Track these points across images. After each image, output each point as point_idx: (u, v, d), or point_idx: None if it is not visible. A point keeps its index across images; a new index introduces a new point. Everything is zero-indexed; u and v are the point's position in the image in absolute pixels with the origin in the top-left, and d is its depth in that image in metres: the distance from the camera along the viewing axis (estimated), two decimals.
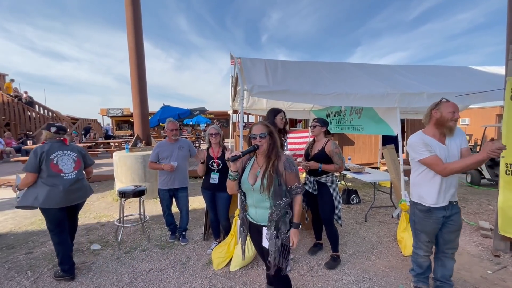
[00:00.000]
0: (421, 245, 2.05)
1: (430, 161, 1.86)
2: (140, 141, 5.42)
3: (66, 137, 2.64)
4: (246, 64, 3.60)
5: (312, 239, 3.26)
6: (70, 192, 2.46)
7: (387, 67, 4.17)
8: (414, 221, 2.06)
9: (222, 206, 2.86)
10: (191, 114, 10.35)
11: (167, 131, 3.16)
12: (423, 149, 1.88)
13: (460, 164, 1.79)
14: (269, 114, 2.84)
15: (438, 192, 1.92)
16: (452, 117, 1.87)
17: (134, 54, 5.17)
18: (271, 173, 1.58)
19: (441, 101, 1.96)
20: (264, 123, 1.68)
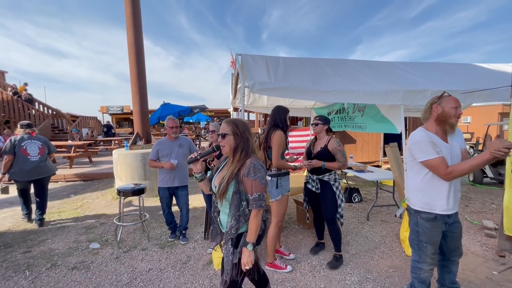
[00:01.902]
0: (426, 258, 1.82)
1: (436, 163, 1.66)
2: (140, 139, 5.38)
3: (33, 130, 3.71)
4: (247, 61, 3.54)
5: (313, 239, 3.22)
6: (34, 170, 3.56)
7: (390, 64, 4.10)
8: (417, 233, 1.83)
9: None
10: (191, 111, 10.28)
11: (167, 129, 3.10)
12: (431, 149, 1.67)
13: (465, 167, 1.60)
14: (280, 112, 2.55)
15: (447, 197, 1.76)
16: (455, 113, 1.72)
17: (133, 50, 5.11)
18: (228, 179, 1.40)
19: (443, 95, 1.81)
20: (232, 122, 1.47)
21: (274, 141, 2.40)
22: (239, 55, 3.70)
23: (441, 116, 1.76)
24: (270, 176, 2.47)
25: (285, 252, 2.83)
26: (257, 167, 1.42)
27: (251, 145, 1.47)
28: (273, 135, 2.42)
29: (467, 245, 3.02)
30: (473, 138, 11.79)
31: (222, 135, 1.45)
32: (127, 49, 5.29)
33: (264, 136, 2.50)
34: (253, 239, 1.41)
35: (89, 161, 8.72)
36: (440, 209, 1.77)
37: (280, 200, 2.48)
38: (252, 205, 1.40)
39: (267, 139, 2.45)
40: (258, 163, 1.44)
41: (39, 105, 12.09)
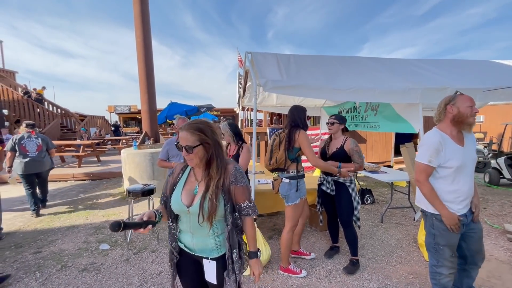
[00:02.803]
0: (444, 262, 1.77)
1: (421, 168, 1.76)
2: (149, 138, 5.35)
3: (34, 129, 4.15)
4: (257, 59, 3.45)
5: (327, 241, 3.12)
6: (33, 164, 3.98)
7: (405, 61, 3.95)
8: (434, 235, 1.79)
9: None
10: (198, 111, 10.26)
11: (177, 128, 3.05)
12: (428, 154, 1.72)
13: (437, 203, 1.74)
14: (299, 112, 2.41)
15: (463, 199, 1.73)
16: (471, 112, 1.68)
17: (142, 49, 5.07)
18: (213, 196, 1.16)
19: (456, 94, 1.77)
20: (196, 129, 1.17)
21: (302, 141, 2.26)
22: (249, 53, 3.61)
23: (457, 117, 1.71)
24: (289, 178, 2.35)
25: (305, 253, 2.78)
26: (241, 171, 1.27)
27: (223, 147, 1.27)
28: (297, 135, 2.28)
29: (490, 250, 2.88)
30: (486, 138, 11.46)
31: (187, 149, 1.16)
32: (135, 48, 5.26)
33: (286, 135, 2.36)
34: (256, 246, 1.31)
35: (97, 160, 8.77)
36: (456, 208, 1.73)
37: (298, 204, 2.37)
38: (247, 213, 1.26)
39: (291, 139, 2.30)
40: (239, 165, 1.29)
41: (48, 104, 12.25)
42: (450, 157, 1.70)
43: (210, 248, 1.24)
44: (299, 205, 2.38)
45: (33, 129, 4.15)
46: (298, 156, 2.35)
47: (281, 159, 2.33)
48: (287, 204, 2.39)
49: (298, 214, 2.43)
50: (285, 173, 2.38)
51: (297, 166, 2.35)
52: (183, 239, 1.29)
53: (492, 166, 6.21)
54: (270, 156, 2.43)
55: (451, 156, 1.70)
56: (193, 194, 1.23)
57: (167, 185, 1.32)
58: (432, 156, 1.71)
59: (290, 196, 2.35)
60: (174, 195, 1.25)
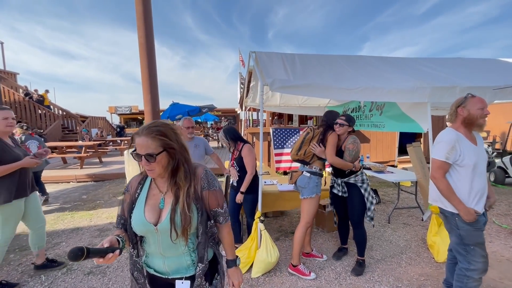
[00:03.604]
0: (476, 263, 1.71)
1: (437, 165, 1.77)
2: None
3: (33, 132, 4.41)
4: (262, 58, 3.41)
5: (334, 243, 3.08)
6: None
7: (411, 60, 3.91)
8: (460, 236, 1.76)
9: (248, 208, 2.75)
10: (200, 111, 10.22)
11: (182, 129, 3.01)
12: (445, 151, 1.74)
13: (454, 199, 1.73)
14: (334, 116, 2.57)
15: (480, 196, 1.74)
16: (481, 113, 1.74)
17: (144, 50, 5.03)
18: (185, 206, 1.00)
19: (467, 96, 1.81)
20: (158, 132, 0.99)
21: (329, 140, 2.41)
22: (253, 52, 3.57)
23: (467, 118, 1.76)
24: (310, 172, 2.44)
25: (318, 255, 2.77)
26: (211, 173, 1.12)
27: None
28: (329, 134, 2.43)
29: (500, 251, 2.84)
30: (489, 137, 11.40)
31: (148, 158, 0.97)
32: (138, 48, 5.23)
33: (320, 133, 2.49)
34: (234, 254, 1.20)
35: (99, 161, 8.74)
36: (478, 208, 1.73)
37: (314, 198, 2.42)
38: (223, 219, 1.14)
39: (324, 137, 2.44)
40: (208, 169, 1.12)
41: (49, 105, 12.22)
42: (466, 155, 1.72)
43: (186, 266, 1.08)
44: (314, 200, 2.43)
45: (33, 131, 4.57)
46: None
47: (309, 152, 2.46)
48: (302, 197, 2.45)
49: (314, 209, 2.45)
50: (307, 167, 2.48)
51: (321, 164, 2.48)
52: (152, 264, 1.09)
53: (498, 165, 6.16)
54: (299, 147, 2.52)
55: (467, 154, 1.72)
56: (159, 208, 1.04)
57: (123, 204, 1.10)
58: (449, 153, 1.73)
59: (307, 189, 2.42)
60: (135, 214, 1.04)
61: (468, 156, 1.72)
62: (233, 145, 2.74)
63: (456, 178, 1.77)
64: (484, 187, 1.75)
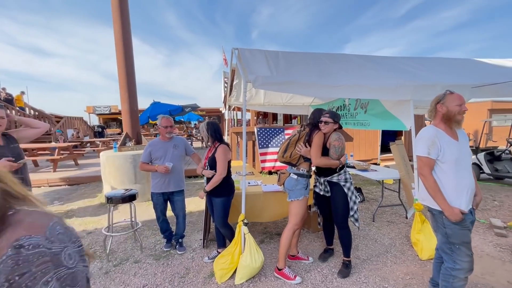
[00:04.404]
0: (462, 263, 1.69)
1: (424, 162, 1.77)
2: (130, 140, 5.04)
3: None
4: (244, 55, 3.29)
5: (320, 243, 3.02)
6: None
7: (393, 59, 3.94)
8: (446, 235, 1.74)
9: (216, 212, 2.58)
10: (182, 110, 9.94)
11: (160, 128, 2.83)
12: (426, 147, 1.76)
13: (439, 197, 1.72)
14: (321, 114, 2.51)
15: (466, 194, 1.72)
16: (459, 110, 1.75)
17: (121, 45, 4.77)
18: None
19: (445, 93, 1.83)
20: None
21: (314, 140, 2.32)
22: (236, 49, 3.45)
23: (446, 115, 1.78)
24: (297, 175, 2.35)
25: (304, 257, 2.69)
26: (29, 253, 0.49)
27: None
28: (314, 135, 2.34)
29: (480, 246, 2.90)
30: None
31: None
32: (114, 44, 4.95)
33: (306, 133, 2.39)
34: None
35: (75, 164, 8.26)
36: (464, 206, 1.72)
37: (301, 200, 2.34)
38: None
39: (310, 138, 2.34)
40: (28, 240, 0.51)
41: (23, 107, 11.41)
42: (446, 149, 1.73)
43: None
44: (302, 202, 2.35)
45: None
46: None
47: (295, 154, 2.35)
48: (289, 199, 2.38)
49: (302, 211, 2.37)
50: (294, 169, 2.39)
51: (309, 165, 2.39)
52: None
53: (472, 161, 6.42)
54: (285, 149, 2.42)
55: (447, 149, 1.73)
56: None
57: None
58: (430, 148, 1.75)
59: (294, 192, 2.34)
60: None
61: (449, 151, 1.72)
62: (211, 141, 2.59)
63: (440, 175, 1.76)
64: (470, 183, 1.74)
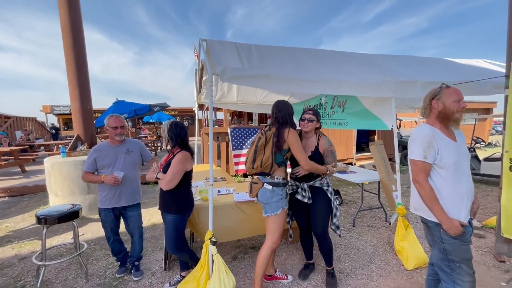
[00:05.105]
0: (463, 283, 1.47)
1: (419, 167, 1.52)
2: (82, 143, 4.37)
3: None
4: (213, 47, 2.89)
5: (299, 256, 2.72)
6: None
7: (370, 56, 3.78)
8: (444, 251, 1.51)
9: (166, 232, 2.12)
10: (150, 110, 9.17)
11: (108, 130, 2.33)
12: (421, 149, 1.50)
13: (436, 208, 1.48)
14: (288, 107, 2.08)
15: (466, 201, 1.50)
16: (458, 107, 1.53)
17: (68, 32, 4.09)
18: None
19: (441, 87, 1.59)
20: None
21: (292, 141, 1.92)
22: (204, 40, 3.03)
23: (442, 112, 1.56)
24: (272, 185, 1.96)
25: (282, 276, 2.34)
26: None
27: None
28: (287, 134, 1.92)
29: None
30: None
31: None
32: (60, 31, 4.25)
33: (273, 134, 1.96)
34: None
35: (21, 170, 7.20)
36: (464, 217, 1.49)
37: (279, 214, 1.98)
38: None
39: (280, 139, 1.92)
40: None
41: None
42: (444, 153, 1.49)
43: None
44: (280, 216, 1.99)
45: None
46: (285, 159, 1.99)
47: (267, 162, 1.92)
48: (265, 214, 2.00)
49: (280, 227, 2.01)
50: (268, 177, 1.98)
51: (284, 172, 2.01)
52: None
53: None
54: (254, 158, 1.99)
55: (445, 151, 1.50)
56: None
57: None
58: (426, 151, 1.50)
59: (270, 205, 1.96)
60: None
61: (448, 154, 1.49)
62: (171, 144, 2.12)
63: (437, 182, 1.53)
64: (470, 190, 1.52)
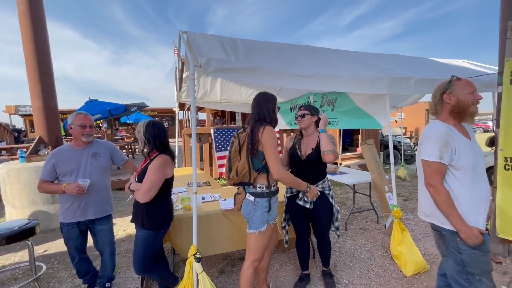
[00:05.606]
0: None
1: (434, 169, 1.35)
2: (45, 146, 3.88)
3: None
4: (195, 40, 2.62)
5: (293, 266, 2.52)
6: None
7: (358, 54, 3.67)
8: (462, 262, 1.36)
9: (135, 249, 1.79)
10: (126, 110, 8.58)
11: (73, 129, 1.96)
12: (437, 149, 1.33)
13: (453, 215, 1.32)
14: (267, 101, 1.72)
15: (484, 207, 1.38)
16: (473, 99, 1.39)
17: (28, 22, 3.61)
18: None
19: (451, 80, 1.45)
20: None
21: (265, 140, 1.56)
22: (184, 32, 2.75)
23: (457, 107, 1.42)
24: (254, 195, 1.66)
25: None
26: None
27: None
28: (261, 133, 1.57)
29: None
30: (407, 132, 13.04)
31: None
32: (21, 22, 3.74)
33: (247, 135, 1.64)
34: None
35: None
36: (482, 223, 1.37)
37: (264, 231, 1.66)
38: None
39: (254, 140, 1.58)
40: None
41: None
42: (462, 153, 1.34)
43: None
44: (265, 233, 1.67)
45: None
46: (266, 164, 1.63)
47: (243, 170, 1.61)
48: (249, 230, 1.69)
49: (264, 245, 1.71)
50: (250, 187, 1.68)
51: (268, 179, 1.66)
52: None
53: None
54: (229, 167, 1.70)
55: (462, 151, 1.35)
56: None
57: None
58: (442, 151, 1.34)
59: (254, 220, 1.66)
60: None
61: (465, 155, 1.34)
62: (149, 148, 1.79)
63: (453, 186, 1.37)
64: (487, 195, 1.39)
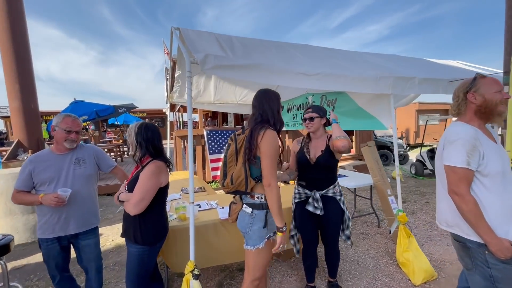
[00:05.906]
0: None
1: (460, 175, 1.22)
2: (24, 150, 3.58)
3: None
4: (189, 36, 2.44)
5: (296, 277, 2.36)
6: None
7: (357, 53, 3.58)
8: (491, 278, 1.22)
9: (127, 266, 1.62)
10: (115, 111, 8.26)
11: (57, 132, 1.74)
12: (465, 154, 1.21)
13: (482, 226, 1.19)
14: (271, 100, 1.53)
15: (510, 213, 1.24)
16: (501, 97, 1.28)
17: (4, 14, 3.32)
18: None
19: (476, 78, 1.34)
20: None
21: (264, 146, 1.37)
22: (177, 29, 2.57)
23: (483, 107, 1.31)
24: (251, 206, 1.46)
25: None
26: None
27: None
28: (260, 136, 1.38)
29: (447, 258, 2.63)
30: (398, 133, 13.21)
31: None
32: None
33: (245, 138, 1.46)
34: None
35: None
36: (506, 234, 1.22)
37: (263, 248, 1.45)
38: None
39: (252, 144, 1.39)
40: None
41: None
42: (490, 158, 1.23)
43: None
44: (264, 250, 1.46)
45: None
46: None
47: (239, 177, 1.42)
48: (246, 246, 1.48)
49: (264, 262, 1.50)
50: (248, 197, 1.48)
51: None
52: None
53: (416, 158, 6.78)
54: (224, 173, 1.52)
55: (490, 157, 1.23)
56: None
57: None
58: (470, 156, 1.22)
59: (250, 236, 1.45)
60: None
61: (493, 160, 1.22)
62: (141, 153, 1.59)
63: (480, 194, 1.25)
64: None
